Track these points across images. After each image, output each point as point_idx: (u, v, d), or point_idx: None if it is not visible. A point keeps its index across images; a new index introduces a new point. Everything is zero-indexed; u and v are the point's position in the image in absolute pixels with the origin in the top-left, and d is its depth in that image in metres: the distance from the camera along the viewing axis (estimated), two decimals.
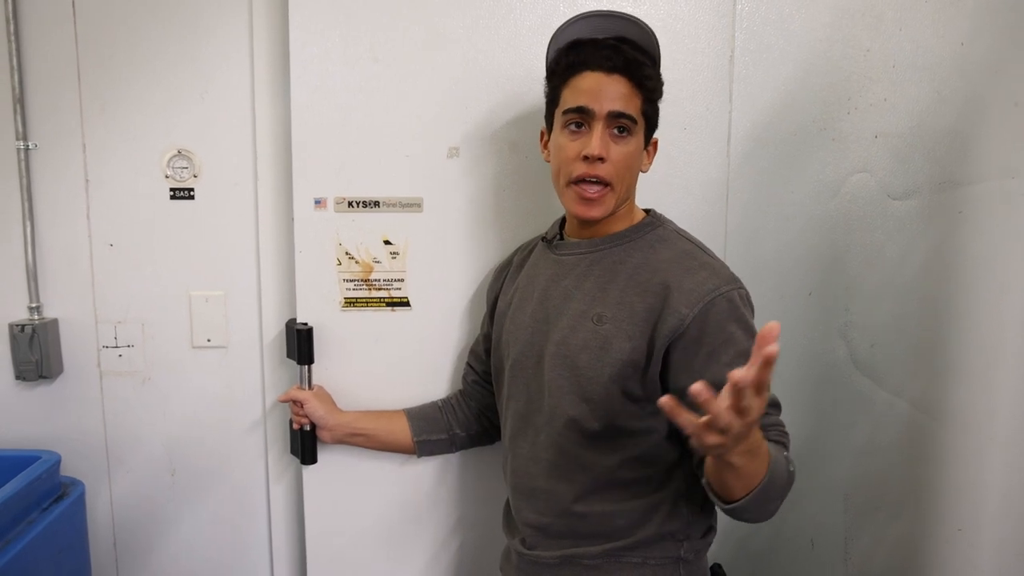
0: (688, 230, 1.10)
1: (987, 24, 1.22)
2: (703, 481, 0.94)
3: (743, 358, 0.94)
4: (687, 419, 0.75)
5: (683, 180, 1.31)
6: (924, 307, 1.27)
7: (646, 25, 1.03)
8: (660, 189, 1.27)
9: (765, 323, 0.70)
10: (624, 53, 0.99)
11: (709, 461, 0.90)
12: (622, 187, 1.01)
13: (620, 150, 1.00)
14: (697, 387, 0.72)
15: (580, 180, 1.00)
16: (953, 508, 1.12)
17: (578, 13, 1.04)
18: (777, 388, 1.36)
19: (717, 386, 0.94)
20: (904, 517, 1.26)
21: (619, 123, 0.99)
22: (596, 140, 0.98)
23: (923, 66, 1.28)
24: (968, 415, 1.08)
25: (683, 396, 0.98)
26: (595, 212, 1.01)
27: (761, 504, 0.89)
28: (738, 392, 0.71)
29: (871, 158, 1.31)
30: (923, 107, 1.28)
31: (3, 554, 1.10)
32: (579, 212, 1.02)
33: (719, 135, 1.30)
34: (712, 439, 0.75)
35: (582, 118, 1.00)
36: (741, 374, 0.70)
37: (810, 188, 1.33)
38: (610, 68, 0.98)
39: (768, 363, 0.70)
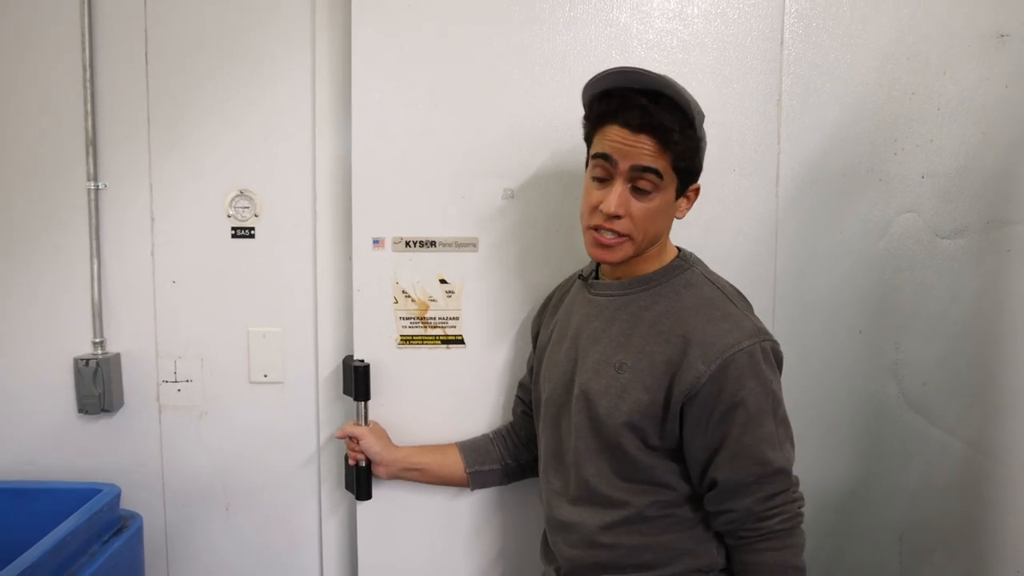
0: (738, 270, 1.11)
1: None
2: None
3: (756, 419, 0.97)
4: None
5: (733, 221, 1.33)
6: (976, 345, 1.27)
7: (680, 86, 0.97)
8: (710, 230, 1.30)
9: (818, 362, 0.67)
10: (652, 116, 0.95)
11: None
12: (642, 238, 1.01)
13: (641, 206, 0.99)
14: None
15: (597, 228, 1.02)
16: (1013, 550, 1.11)
17: (617, 67, 0.99)
18: (828, 427, 1.37)
19: (726, 448, 0.97)
20: (962, 559, 1.25)
21: (643, 177, 0.97)
22: (614, 198, 0.98)
23: (968, 108, 1.31)
24: None
25: (697, 454, 1.00)
26: (610, 257, 1.03)
27: None
28: None
29: (919, 198, 1.33)
30: (969, 148, 1.31)
31: None
32: (595, 256, 1.05)
33: (768, 176, 1.33)
34: None
35: (606, 168, 0.99)
36: None
37: (859, 228, 1.34)
38: (637, 127, 0.96)
39: None
